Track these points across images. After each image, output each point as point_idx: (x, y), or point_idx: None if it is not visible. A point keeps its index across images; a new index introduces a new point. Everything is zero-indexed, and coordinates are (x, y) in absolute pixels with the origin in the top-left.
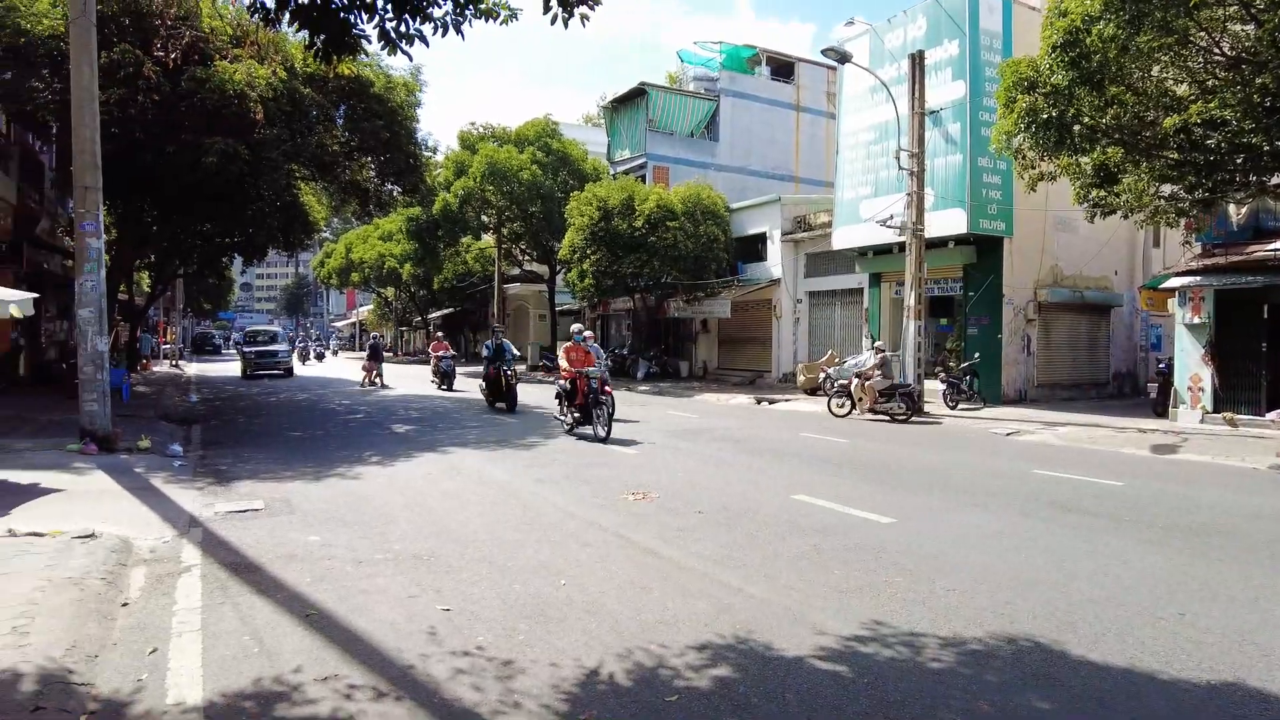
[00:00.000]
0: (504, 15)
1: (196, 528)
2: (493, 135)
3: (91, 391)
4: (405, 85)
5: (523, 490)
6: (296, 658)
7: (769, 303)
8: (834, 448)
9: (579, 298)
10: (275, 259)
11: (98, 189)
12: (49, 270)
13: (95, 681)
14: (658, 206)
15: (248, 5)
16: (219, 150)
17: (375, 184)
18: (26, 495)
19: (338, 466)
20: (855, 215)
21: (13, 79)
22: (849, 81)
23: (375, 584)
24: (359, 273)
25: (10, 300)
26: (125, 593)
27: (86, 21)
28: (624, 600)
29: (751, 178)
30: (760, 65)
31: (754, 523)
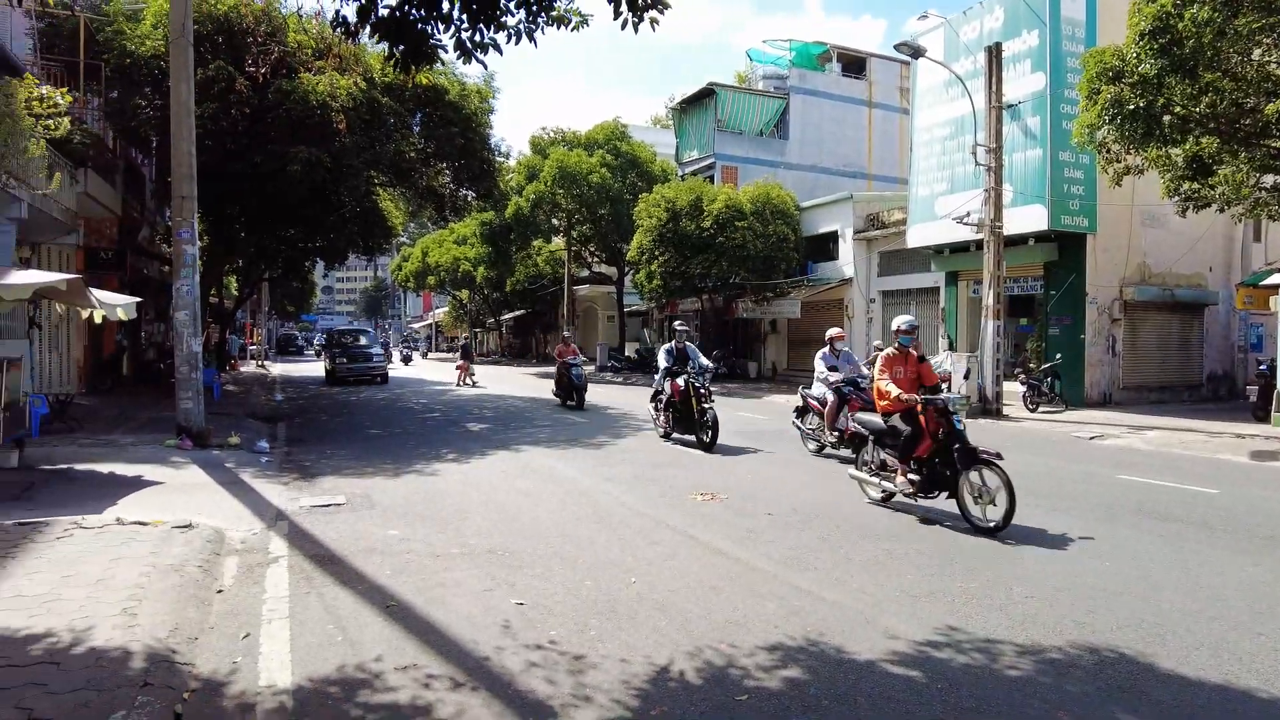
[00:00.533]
0: (575, 21)
1: (283, 521)
2: (563, 139)
3: (187, 390)
4: (479, 92)
5: (592, 489)
6: (377, 646)
7: (840, 303)
8: None
9: (646, 299)
10: (355, 263)
11: (193, 198)
12: (148, 276)
13: (195, 662)
14: (726, 206)
15: (330, 20)
16: (303, 159)
17: (450, 189)
18: (131, 487)
19: (415, 464)
20: (930, 212)
21: (119, 97)
22: (923, 76)
23: (451, 577)
24: (435, 276)
25: (117, 304)
26: (220, 580)
27: (185, 42)
28: (694, 599)
29: (822, 175)
30: (831, 62)
31: (825, 526)
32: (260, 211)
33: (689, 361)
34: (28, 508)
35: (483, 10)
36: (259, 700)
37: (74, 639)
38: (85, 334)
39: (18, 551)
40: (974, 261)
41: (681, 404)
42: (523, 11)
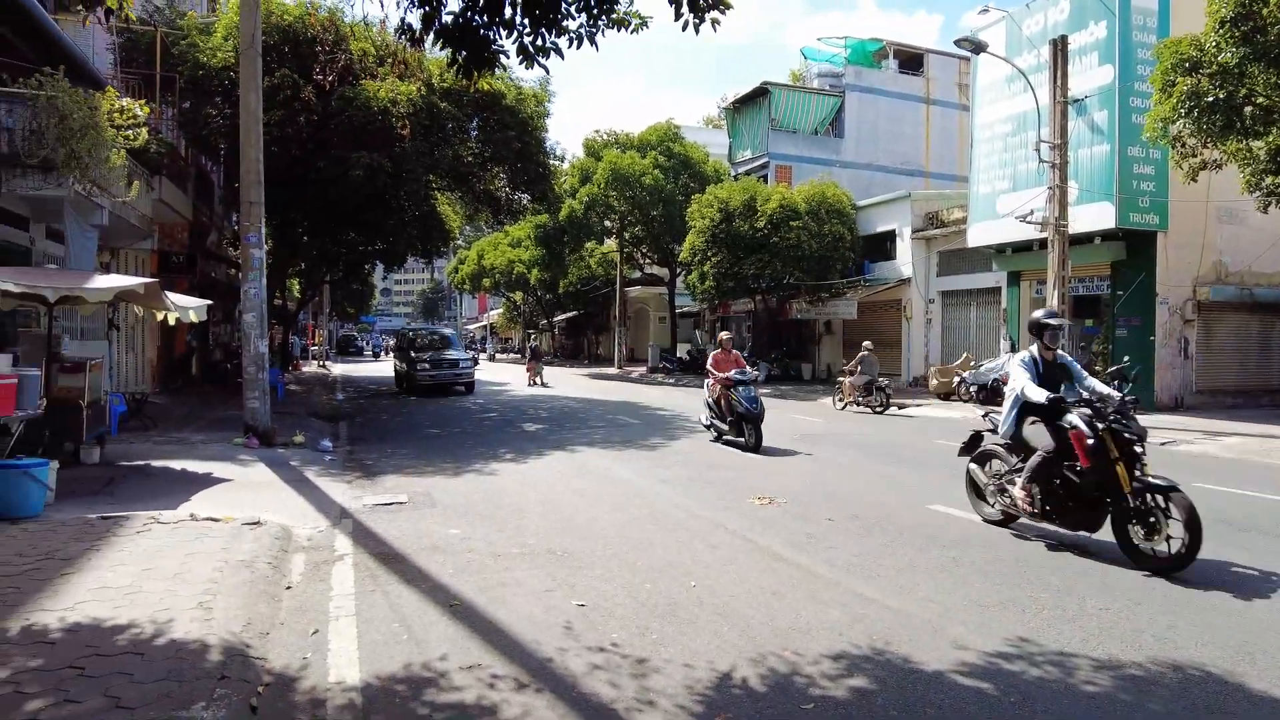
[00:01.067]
0: (635, 24)
1: (347, 519)
2: (616, 141)
3: (254, 390)
4: (535, 96)
5: (648, 490)
6: (442, 645)
7: (898, 303)
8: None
9: (699, 300)
10: (413, 265)
11: (261, 204)
12: (215, 278)
13: (268, 656)
14: (780, 206)
15: (395, 28)
16: (365, 164)
17: (506, 193)
18: (202, 484)
19: (474, 463)
20: (992, 211)
21: (191, 107)
22: (983, 72)
23: (513, 577)
24: (490, 278)
25: (190, 306)
26: (288, 577)
27: (254, 52)
28: (755, 604)
29: (879, 174)
30: (887, 59)
31: (887, 532)
32: (323, 216)
33: None
34: (110, 502)
35: (544, 14)
36: (329, 696)
37: (155, 630)
38: (158, 335)
39: (102, 545)
40: (1037, 261)
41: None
42: (583, 15)
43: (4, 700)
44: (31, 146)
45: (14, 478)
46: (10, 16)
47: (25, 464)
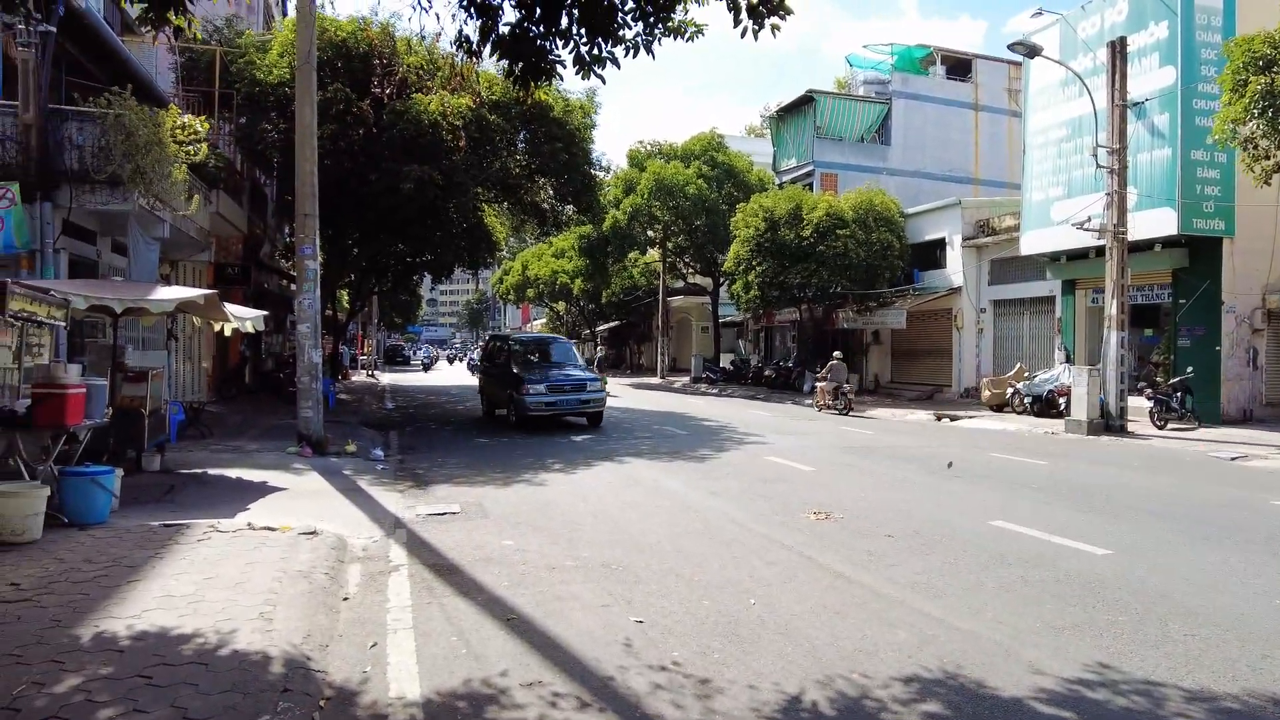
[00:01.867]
0: (690, 31)
1: (401, 529)
2: (660, 152)
3: (307, 399)
4: (582, 108)
5: (699, 503)
6: (502, 661)
7: (948, 312)
8: (1030, 469)
9: (743, 309)
10: (458, 276)
11: (315, 216)
12: (268, 289)
13: (328, 669)
14: (827, 214)
15: (452, 40)
16: (415, 177)
17: (553, 204)
18: (258, 492)
19: (523, 473)
20: (1045, 218)
21: (247, 123)
22: (1036, 76)
23: (569, 590)
24: (534, 288)
25: (247, 317)
26: (345, 588)
27: (309, 68)
28: (818, 624)
29: (927, 181)
30: (934, 65)
31: (950, 549)
32: (373, 228)
33: None
34: (171, 509)
35: (600, 24)
36: (390, 712)
37: (219, 641)
38: (214, 345)
39: (165, 552)
40: (1093, 269)
41: None
42: (639, 24)
43: (77, 708)
44: (100, 163)
45: (83, 485)
46: (83, 40)
47: (93, 471)
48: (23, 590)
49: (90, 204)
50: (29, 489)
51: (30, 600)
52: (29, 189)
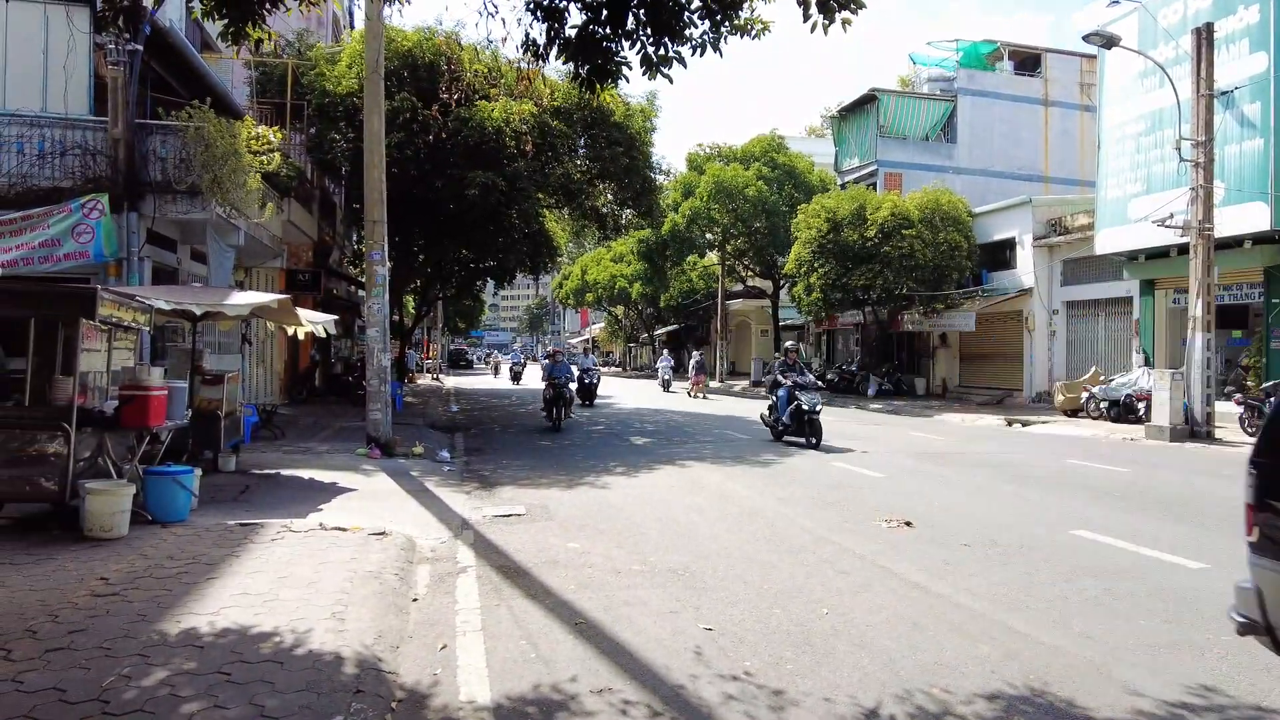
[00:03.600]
0: (757, 29)
1: (468, 530)
2: (719, 154)
3: (376, 402)
4: (643, 112)
5: (766, 509)
6: (571, 666)
7: (1019, 314)
8: (1112, 477)
9: (805, 312)
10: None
11: (384, 222)
12: (336, 295)
13: (399, 670)
14: (892, 214)
15: (520, 44)
16: (480, 183)
17: (613, 208)
18: (329, 493)
19: (586, 476)
20: (1122, 215)
21: (317, 133)
22: (1111, 68)
23: (636, 595)
24: (593, 293)
25: (319, 322)
26: (414, 589)
27: (376, 77)
28: (895, 636)
29: (995, 179)
30: (1002, 60)
31: (1030, 560)
32: (439, 234)
33: None
34: (246, 509)
35: (667, 24)
36: (461, 716)
37: (294, 640)
38: (285, 349)
39: (240, 551)
40: (1174, 268)
41: None
42: (706, 22)
43: (163, 702)
44: (181, 173)
45: (166, 484)
46: (167, 57)
47: (175, 471)
48: (111, 585)
49: (171, 213)
50: (117, 487)
51: (118, 595)
52: (116, 200)
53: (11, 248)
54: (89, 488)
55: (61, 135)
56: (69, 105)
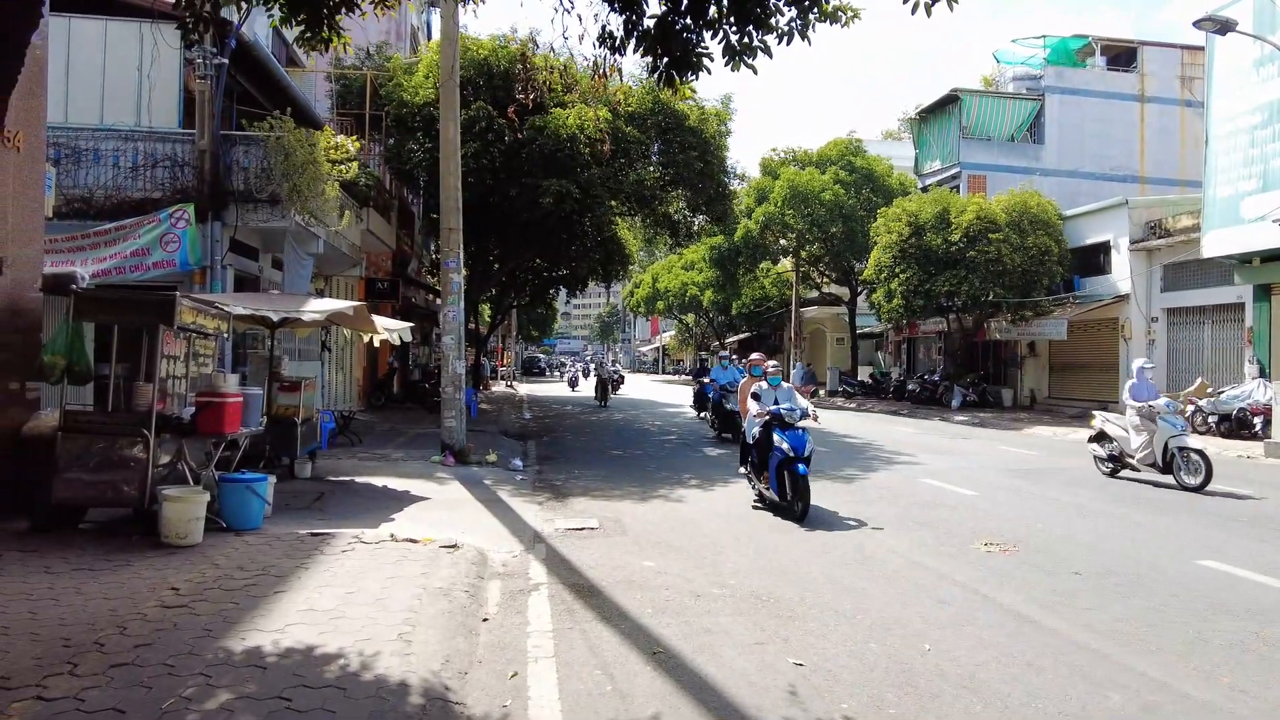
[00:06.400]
0: (847, 17)
1: (540, 544)
2: (794, 158)
3: (451, 409)
4: (717, 115)
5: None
6: (651, 703)
7: (1114, 322)
8: (1231, 500)
9: (885, 319)
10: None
11: (460, 230)
12: (414, 303)
13: (466, 701)
14: (977, 217)
15: (597, 37)
16: (554, 191)
17: (685, 215)
18: (401, 502)
19: (659, 488)
20: (1234, 216)
21: (395, 143)
22: (1222, 57)
23: (717, 623)
24: (664, 300)
25: (396, 329)
26: (484, 607)
27: (452, 84)
28: (1009, 679)
29: (1085, 181)
30: (1094, 55)
31: (1154, 592)
32: (513, 242)
33: None
34: (319, 518)
35: (751, 11)
36: None
37: (359, 664)
38: (364, 357)
39: (310, 563)
40: None
41: None
42: (793, 9)
43: None
44: (261, 183)
45: (240, 491)
46: (251, 71)
47: (248, 478)
48: (181, 595)
49: (253, 222)
50: (192, 494)
51: (186, 606)
52: (201, 210)
53: (105, 257)
54: (166, 494)
55: (152, 148)
56: (160, 119)
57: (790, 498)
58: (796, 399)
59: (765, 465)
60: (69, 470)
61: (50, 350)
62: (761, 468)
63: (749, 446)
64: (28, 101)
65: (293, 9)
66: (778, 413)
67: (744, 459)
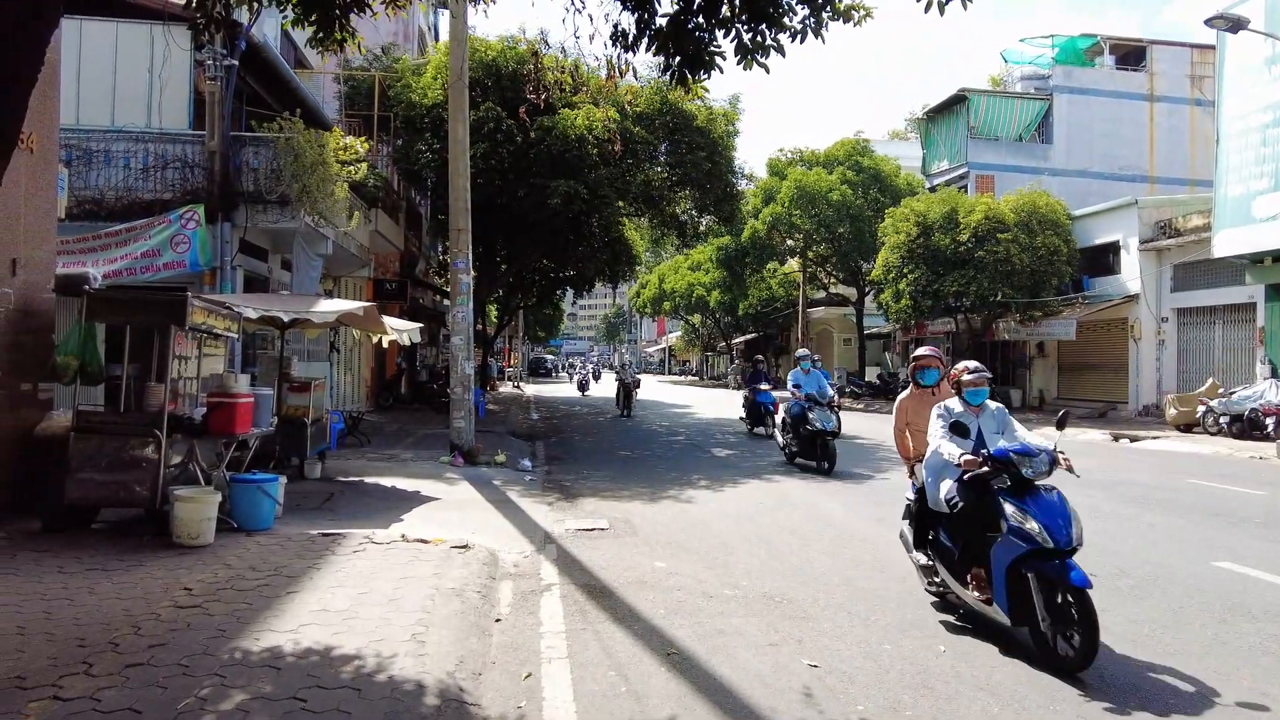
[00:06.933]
0: (860, 16)
1: (551, 544)
2: (801, 159)
3: (460, 410)
4: (725, 116)
5: (864, 530)
6: (666, 704)
7: (1123, 322)
8: (1245, 501)
9: (893, 319)
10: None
11: (468, 231)
12: (422, 304)
13: (481, 702)
14: (985, 217)
15: (609, 36)
16: (562, 191)
17: (692, 216)
18: (411, 502)
19: (669, 489)
20: (1245, 215)
21: (404, 144)
22: (1233, 55)
23: (730, 624)
24: (670, 301)
25: (404, 330)
26: (497, 608)
27: (461, 84)
28: (1026, 680)
29: (1094, 181)
30: (1102, 55)
31: (1169, 594)
32: (521, 243)
33: None
34: (329, 518)
35: (764, 10)
36: None
37: (374, 664)
38: (373, 357)
39: (322, 563)
40: None
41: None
42: (805, 8)
43: None
44: (271, 184)
45: (251, 492)
46: (261, 72)
47: (259, 479)
48: (194, 596)
49: (262, 223)
50: (203, 495)
51: (200, 607)
52: (211, 211)
53: (116, 258)
54: (177, 494)
55: (163, 149)
56: (171, 120)
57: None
58: (1018, 430)
59: (979, 558)
60: (81, 470)
61: (63, 351)
62: (972, 561)
63: (932, 515)
64: (40, 103)
65: (305, 10)
66: (1007, 456)
67: (920, 537)
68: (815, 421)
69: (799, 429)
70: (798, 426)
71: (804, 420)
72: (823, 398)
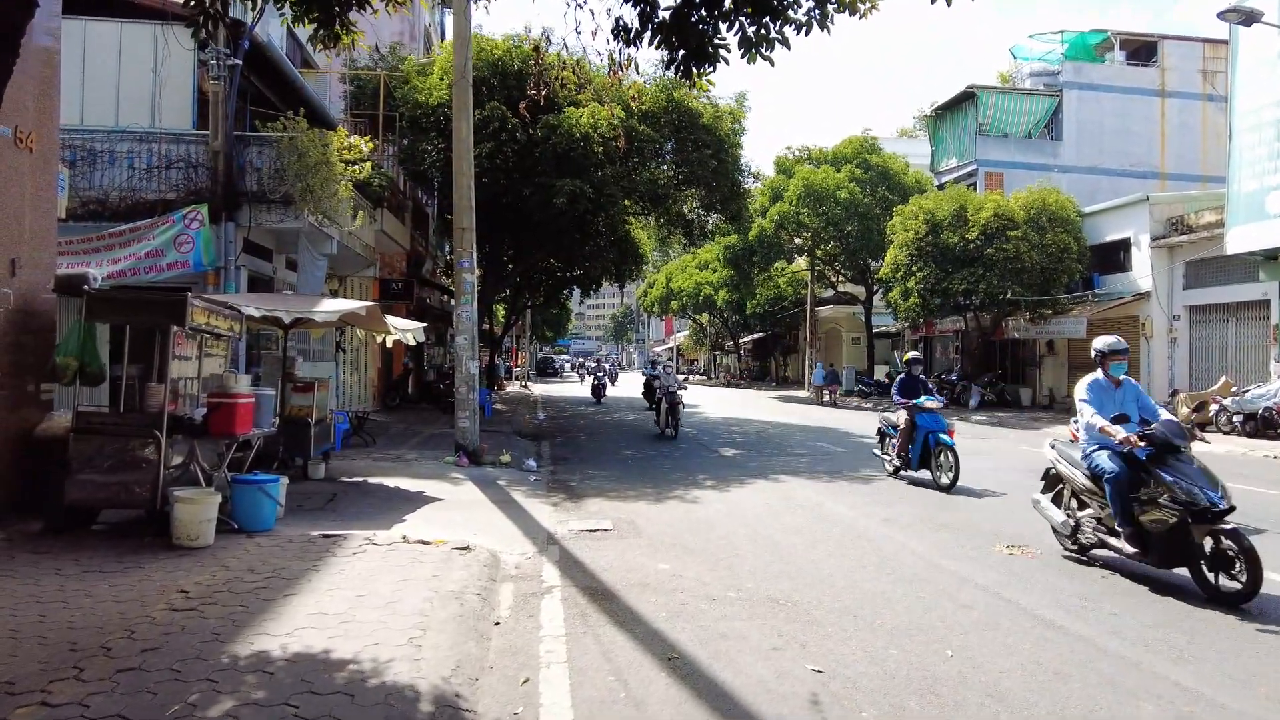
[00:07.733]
0: (865, 8)
1: (554, 545)
2: (809, 157)
3: (465, 410)
4: (731, 113)
5: (871, 531)
6: (665, 711)
7: (1135, 320)
8: (1263, 501)
9: (901, 318)
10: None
11: (473, 229)
12: (429, 304)
13: (477, 708)
14: (994, 215)
15: (611, 31)
16: (568, 190)
17: (699, 214)
18: (415, 503)
19: (674, 489)
20: (1259, 210)
21: (409, 144)
22: (1246, 49)
23: (733, 628)
24: (678, 300)
25: (408, 329)
26: (497, 610)
27: (465, 82)
28: (1035, 687)
29: (1104, 177)
30: (1113, 50)
31: (1185, 598)
32: (527, 243)
33: None
34: (331, 519)
35: (769, 2)
36: None
37: (369, 669)
38: (379, 357)
39: (322, 565)
40: None
41: None
42: (810, 0)
43: None
44: (275, 183)
45: (252, 493)
46: (265, 72)
47: (260, 480)
48: (190, 599)
49: (266, 222)
50: (203, 496)
51: (195, 610)
52: (215, 211)
53: (120, 259)
54: (177, 495)
55: (166, 149)
56: (174, 120)
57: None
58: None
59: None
60: (81, 471)
61: (63, 351)
62: None
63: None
64: (41, 103)
65: (305, 8)
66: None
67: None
68: None
69: None
70: None
71: None
72: None
